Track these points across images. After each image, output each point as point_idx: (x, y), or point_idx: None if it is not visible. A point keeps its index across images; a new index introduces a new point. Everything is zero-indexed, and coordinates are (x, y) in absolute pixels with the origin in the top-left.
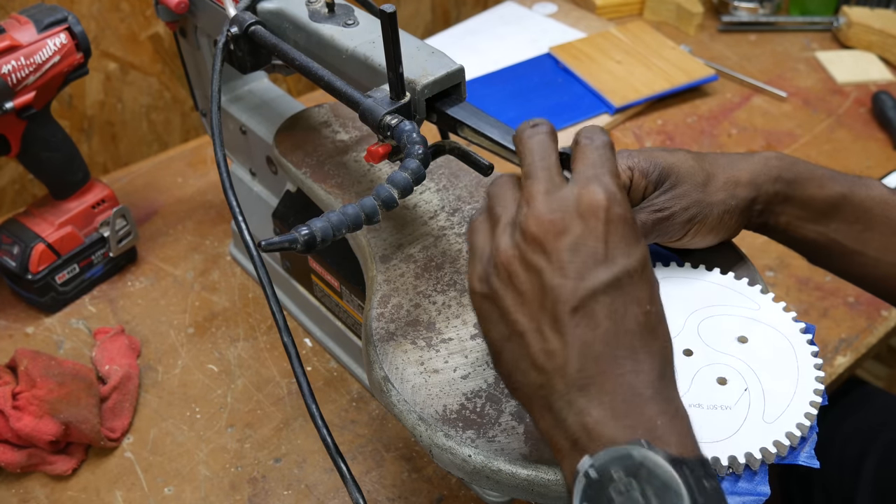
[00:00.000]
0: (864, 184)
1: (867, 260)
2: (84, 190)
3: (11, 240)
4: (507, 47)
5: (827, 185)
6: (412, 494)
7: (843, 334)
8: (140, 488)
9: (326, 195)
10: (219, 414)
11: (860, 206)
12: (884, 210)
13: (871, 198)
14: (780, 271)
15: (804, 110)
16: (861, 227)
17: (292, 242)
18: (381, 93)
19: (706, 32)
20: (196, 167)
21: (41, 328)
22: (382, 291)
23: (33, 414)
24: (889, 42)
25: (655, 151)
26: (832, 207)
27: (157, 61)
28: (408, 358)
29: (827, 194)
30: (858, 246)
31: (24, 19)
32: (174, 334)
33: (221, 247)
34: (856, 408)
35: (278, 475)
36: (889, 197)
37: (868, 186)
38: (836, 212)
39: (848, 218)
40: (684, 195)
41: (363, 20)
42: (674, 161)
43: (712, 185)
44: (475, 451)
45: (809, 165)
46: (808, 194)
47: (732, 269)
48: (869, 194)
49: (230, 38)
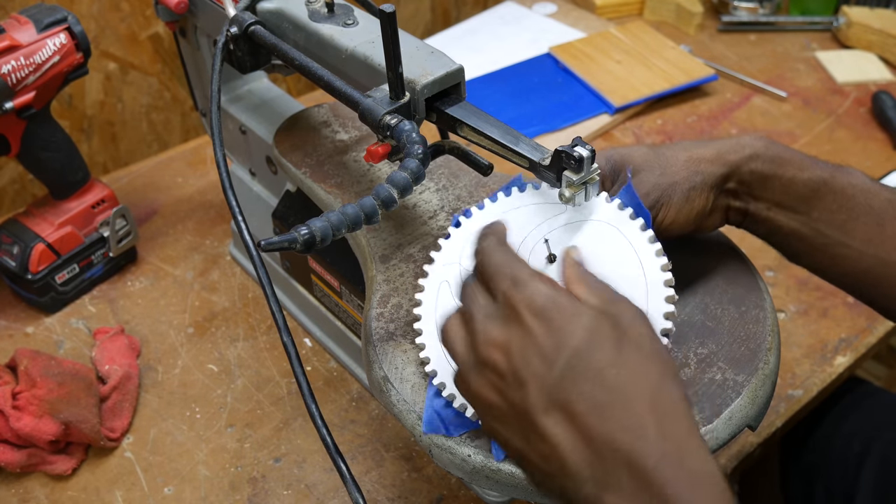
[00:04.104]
0: (846, 171)
1: (851, 252)
2: (84, 190)
3: (11, 240)
4: (507, 47)
5: (808, 168)
6: (412, 494)
7: (843, 334)
8: (140, 488)
9: (326, 195)
10: (219, 414)
11: (842, 194)
12: (866, 199)
13: (852, 185)
14: (780, 271)
15: (804, 110)
16: (844, 217)
17: (292, 242)
18: (380, 93)
19: (706, 32)
20: (196, 167)
21: (41, 328)
22: (382, 291)
23: (33, 414)
24: (889, 42)
25: (610, 149)
26: (813, 193)
27: (157, 61)
28: (407, 358)
29: (807, 177)
30: (842, 237)
31: (24, 19)
32: (174, 334)
33: (221, 247)
34: (856, 408)
35: (278, 475)
36: (870, 185)
37: (849, 174)
38: (818, 198)
39: (830, 206)
40: (641, 182)
41: (363, 20)
42: (627, 153)
43: (672, 167)
44: (475, 450)
45: (789, 149)
46: (788, 176)
47: (732, 269)
48: (850, 181)
49: (230, 37)
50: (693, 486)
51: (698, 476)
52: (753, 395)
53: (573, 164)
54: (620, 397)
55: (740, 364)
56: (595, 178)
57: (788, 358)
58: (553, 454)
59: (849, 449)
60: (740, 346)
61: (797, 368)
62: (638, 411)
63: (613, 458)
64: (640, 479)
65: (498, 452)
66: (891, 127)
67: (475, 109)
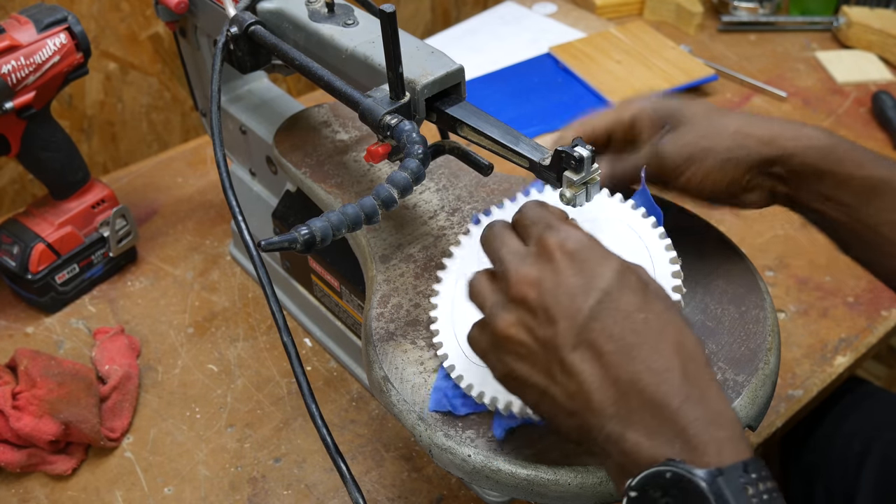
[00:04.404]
0: None
1: None
2: (84, 190)
3: (11, 240)
4: (507, 47)
5: (867, 165)
6: (412, 494)
7: (843, 334)
8: (140, 488)
9: (326, 195)
10: (219, 414)
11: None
12: None
13: None
14: (780, 271)
15: (804, 110)
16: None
17: (292, 242)
18: (380, 93)
19: (706, 32)
20: (196, 167)
21: (41, 328)
22: (382, 291)
23: (33, 414)
24: (889, 42)
25: (668, 98)
26: (870, 190)
27: (157, 61)
28: (408, 358)
29: (866, 175)
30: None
31: (24, 19)
32: (174, 334)
33: (221, 247)
34: (856, 408)
35: (278, 475)
36: None
37: None
38: (875, 196)
39: (887, 205)
40: (683, 135)
41: (363, 20)
42: (680, 106)
43: (716, 133)
44: (475, 450)
45: (851, 144)
46: (845, 172)
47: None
48: None
49: (230, 37)
50: (712, 426)
51: (717, 417)
52: (753, 395)
53: (573, 164)
54: (648, 340)
55: (740, 364)
56: (595, 178)
57: (788, 358)
58: (579, 391)
59: (849, 449)
60: (740, 346)
61: (797, 368)
62: (664, 354)
63: (639, 397)
64: (663, 418)
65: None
66: (891, 127)
67: (475, 109)
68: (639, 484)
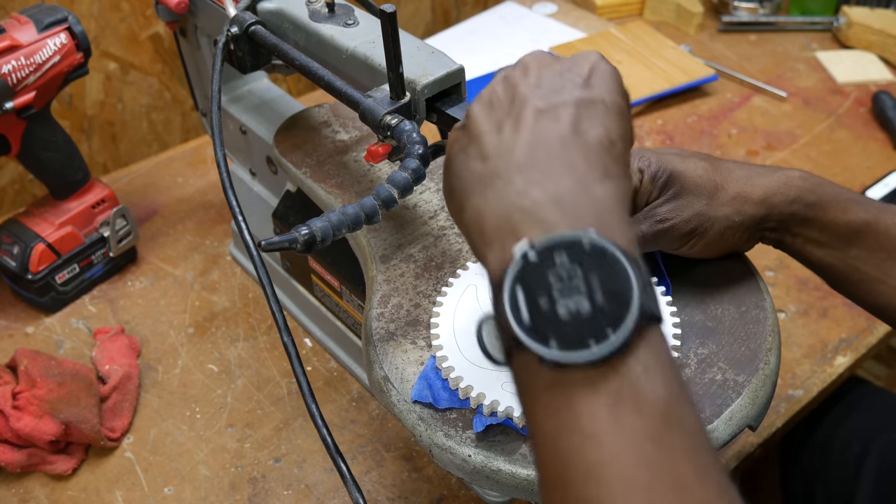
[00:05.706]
0: (893, 211)
1: (886, 289)
2: (84, 190)
3: (11, 240)
4: (507, 47)
5: (851, 209)
6: (412, 494)
7: (843, 334)
8: (140, 488)
9: (326, 195)
10: (219, 414)
11: (885, 234)
12: None
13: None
14: (780, 271)
15: (804, 110)
16: (884, 256)
17: (292, 242)
18: (381, 93)
19: (706, 32)
20: (196, 167)
21: (41, 328)
22: (382, 291)
23: (33, 414)
24: (889, 42)
25: (668, 155)
26: (854, 233)
27: (157, 61)
28: (408, 358)
29: (849, 219)
30: (880, 274)
31: (25, 19)
32: (174, 334)
33: (221, 247)
34: (856, 408)
35: (278, 475)
36: None
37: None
38: (858, 238)
39: (870, 245)
40: (687, 206)
41: (363, 20)
42: (683, 168)
43: (719, 197)
44: (475, 451)
45: (836, 188)
46: (828, 218)
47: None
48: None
49: (230, 38)
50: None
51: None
52: (754, 395)
53: None
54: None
55: (740, 364)
56: None
57: (788, 358)
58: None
59: (849, 449)
60: (740, 346)
61: (797, 368)
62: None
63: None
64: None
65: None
66: (891, 127)
67: None
68: (544, 245)
